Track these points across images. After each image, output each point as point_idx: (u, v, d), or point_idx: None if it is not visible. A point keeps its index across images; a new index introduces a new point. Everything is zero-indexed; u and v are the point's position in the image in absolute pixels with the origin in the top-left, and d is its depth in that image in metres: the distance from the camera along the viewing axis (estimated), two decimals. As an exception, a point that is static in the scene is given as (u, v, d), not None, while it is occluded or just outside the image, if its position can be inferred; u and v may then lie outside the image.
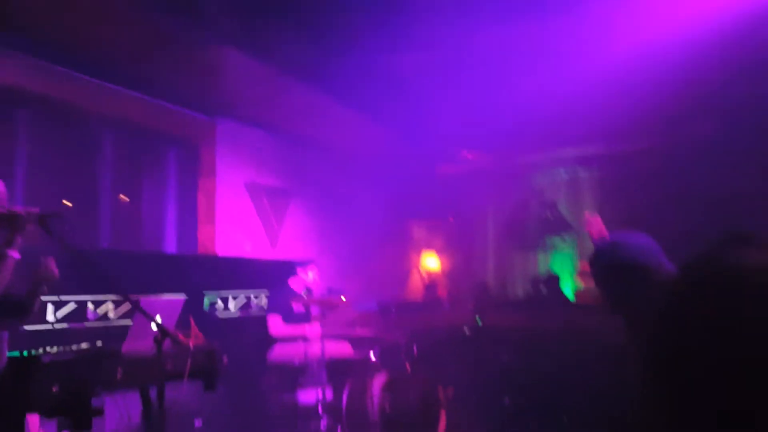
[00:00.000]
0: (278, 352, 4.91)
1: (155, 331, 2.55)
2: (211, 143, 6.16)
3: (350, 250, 8.12)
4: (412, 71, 6.51)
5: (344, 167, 8.05)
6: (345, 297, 7.44)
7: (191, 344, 2.76)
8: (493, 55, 6.21)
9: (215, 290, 5.30)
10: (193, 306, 4.97)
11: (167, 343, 2.48)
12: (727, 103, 6.61)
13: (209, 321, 5.21)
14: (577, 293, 8.58)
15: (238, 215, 6.42)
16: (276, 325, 4.98)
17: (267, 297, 5.82)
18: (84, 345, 2.52)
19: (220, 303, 5.33)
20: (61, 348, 2.52)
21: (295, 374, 4.59)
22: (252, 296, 5.70)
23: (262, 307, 5.80)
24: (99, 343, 2.58)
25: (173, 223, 5.87)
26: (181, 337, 2.67)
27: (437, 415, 4.31)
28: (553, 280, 8.45)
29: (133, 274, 4.18)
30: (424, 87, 6.77)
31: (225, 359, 2.96)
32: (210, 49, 5.04)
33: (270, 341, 4.95)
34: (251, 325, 5.37)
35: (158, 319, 2.58)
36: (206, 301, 5.21)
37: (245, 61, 5.20)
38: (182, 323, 2.96)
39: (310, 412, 4.42)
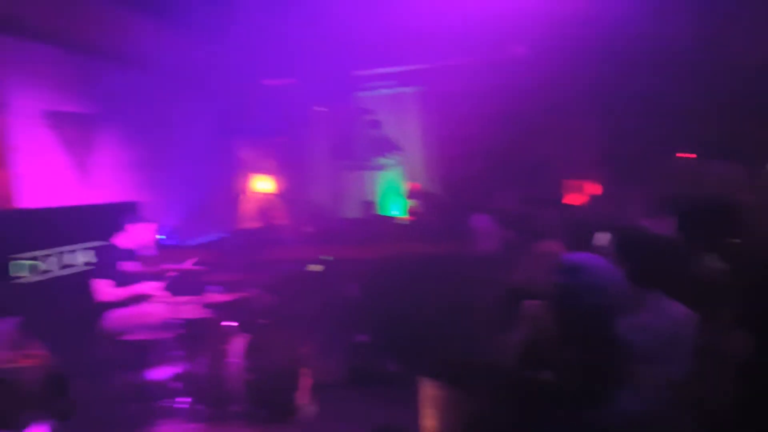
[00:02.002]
0: (113, 320, 4.35)
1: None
2: (-3, 66, 4.92)
3: (174, 180, 7.39)
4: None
5: (162, 86, 7.08)
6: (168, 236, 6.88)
7: (35, 370, 2.24)
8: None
9: (22, 252, 4.43)
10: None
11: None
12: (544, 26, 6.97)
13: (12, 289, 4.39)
14: (408, 211, 8.94)
15: (37, 154, 5.35)
16: (102, 289, 4.35)
17: (86, 252, 5.05)
18: None
19: (26, 265, 4.48)
20: None
21: (138, 345, 4.12)
22: (66, 253, 4.90)
23: (81, 266, 5.04)
24: None
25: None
26: (25, 362, 2.16)
27: (299, 374, 4.24)
28: (369, 205, 8.72)
29: None
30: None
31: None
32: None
33: (99, 307, 4.35)
34: (70, 289, 4.65)
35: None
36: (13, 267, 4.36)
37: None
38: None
39: (161, 389, 4.05)
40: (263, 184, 9.14)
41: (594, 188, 8.31)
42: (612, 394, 1.65)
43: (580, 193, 8.29)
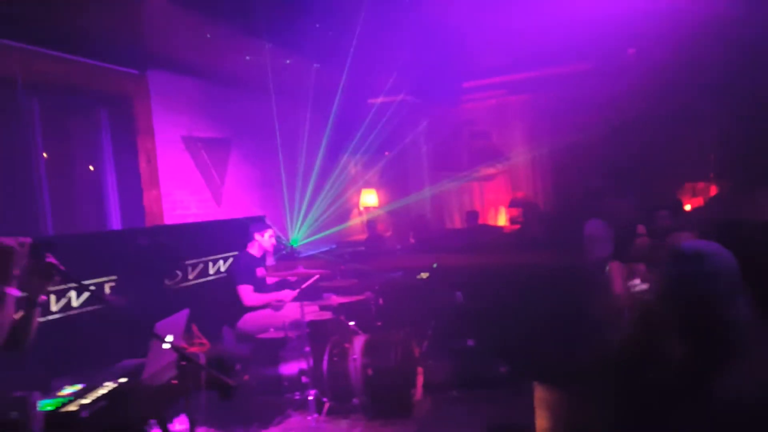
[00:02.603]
0: (251, 322, 4.89)
1: (172, 354, 2.48)
2: (145, 98, 5.69)
3: (293, 196, 8.02)
4: (343, 7, 6.25)
5: (281, 109, 7.76)
6: (297, 247, 7.45)
7: (201, 356, 2.70)
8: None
9: (176, 261, 5.10)
10: (155, 283, 4.80)
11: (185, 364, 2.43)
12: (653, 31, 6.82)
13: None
14: (513, 220, 9.01)
15: (180, 174, 6.09)
16: (248, 295, 4.92)
17: (225, 262, 5.68)
18: (109, 384, 2.40)
19: (179, 273, 5.15)
20: (85, 391, 2.39)
21: (274, 344, 4.61)
22: (210, 263, 5.55)
23: (220, 273, 5.67)
24: (122, 380, 2.46)
25: (114, 190, 5.49)
26: (193, 349, 2.61)
27: (415, 373, 4.53)
28: (475, 215, 8.83)
29: (86, 258, 3.96)
30: (356, 23, 6.54)
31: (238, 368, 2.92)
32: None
33: (241, 310, 4.91)
34: (215, 293, 5.27)
35: (170, 339, 2.49)
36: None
37: (171, 7, 4.76)
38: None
39: (294, 382, 4.50)
40: (371, 197, 9.59)
41: (715, 191, 7.98)
42: (727, 381, 1.68)
43: (700, 196, 7.99)
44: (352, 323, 4.75)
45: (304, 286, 4.83)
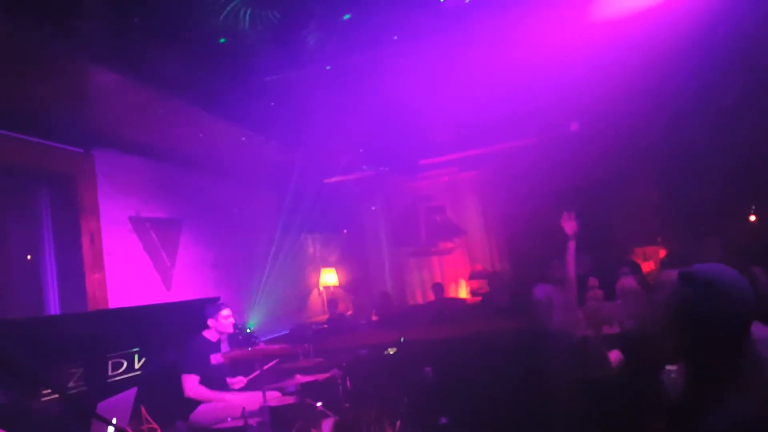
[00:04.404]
0: (206, 414, 4.44)
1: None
2: (90, 177, 5.42)
3: (248, 276, 7.69)
4: (296, 86, 6.27)
5: (234, 189, 7.58)
6: (254, 332, 7.03)
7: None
8: (376, 70, 6.15)
9: (118, 350, 4.64)
10: (96, 372, 4.34)
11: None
12: (593, 102, 7.10)
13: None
14: (474, 292, 8.89)
15: (126, 257, 5.73)
16: (193, 386, 4.50)
17: (176, 349, 5.24)
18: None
19: (124, 363, 4.68)
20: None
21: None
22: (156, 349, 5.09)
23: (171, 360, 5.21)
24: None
25: (53, 273, 5.07)
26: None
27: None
28: (437, 288, 8.67)
29: (21, 344, 3.53)
30: (309, 102, 6.56)
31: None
32: (80, 71, 4.39)
33: (195, 402, 4.47)
34: (165, 383, 4.79)
35: (114, 422, 2.14)
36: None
37: (121, 84, 4.61)
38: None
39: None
40: (330, 276, 9.33)
41: (664, 253, 8.10)
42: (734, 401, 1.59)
43: (651, 260, 8.09)
44: (319, 404, 4.36)
45: (265, 368, 4.45)
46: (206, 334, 4.88)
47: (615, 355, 3.73)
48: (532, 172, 8.33)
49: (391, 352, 5.87)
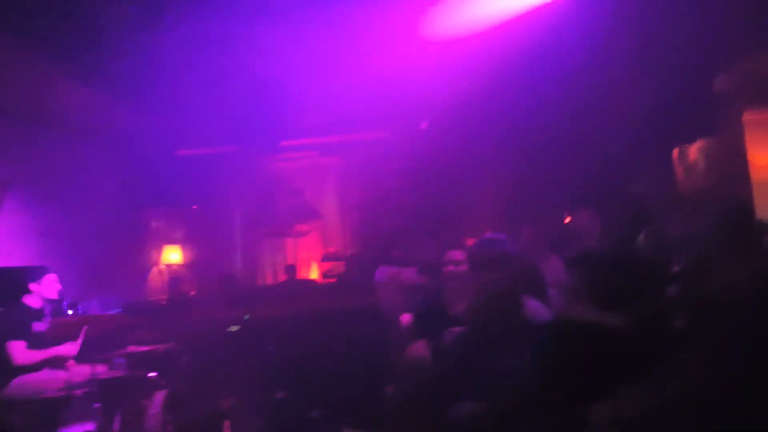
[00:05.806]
0: (23, 387, 4.09)
1: None
2: None
3: (81, 248, 7.14)
4: (158, 49, 5.96)
5: (75, 152, 6.99)
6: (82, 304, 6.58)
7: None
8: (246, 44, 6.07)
9: None
10: None
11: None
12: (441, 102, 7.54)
13: None
14: (322, 276, 9.08)
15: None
16: (20, 352, 4.14)
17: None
18: None
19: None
20: None
21: (53, 407, 3.90)
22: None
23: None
24: None
25: None
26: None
27: (221, 427, 4.16)
28: (289, 269, 8.77)
29: None
30: (169, 67, 6.27)
31: None
32: None
33: (9, 374, 4.10)
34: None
35: None
36: None
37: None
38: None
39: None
40: (174, 254, 8.95)
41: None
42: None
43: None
44: (153, 374, 4.22)
45: (93, 334, 4.22)
46: (27, 300, 4.50)
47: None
48: (387, 163, 8.68)
49: (234, 330, 5.83)
